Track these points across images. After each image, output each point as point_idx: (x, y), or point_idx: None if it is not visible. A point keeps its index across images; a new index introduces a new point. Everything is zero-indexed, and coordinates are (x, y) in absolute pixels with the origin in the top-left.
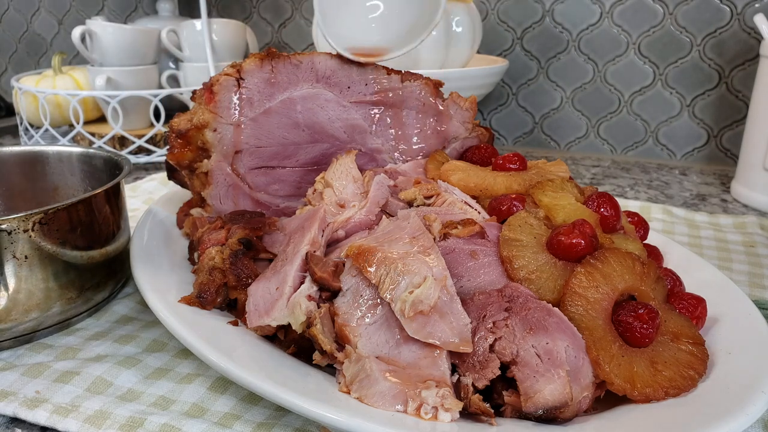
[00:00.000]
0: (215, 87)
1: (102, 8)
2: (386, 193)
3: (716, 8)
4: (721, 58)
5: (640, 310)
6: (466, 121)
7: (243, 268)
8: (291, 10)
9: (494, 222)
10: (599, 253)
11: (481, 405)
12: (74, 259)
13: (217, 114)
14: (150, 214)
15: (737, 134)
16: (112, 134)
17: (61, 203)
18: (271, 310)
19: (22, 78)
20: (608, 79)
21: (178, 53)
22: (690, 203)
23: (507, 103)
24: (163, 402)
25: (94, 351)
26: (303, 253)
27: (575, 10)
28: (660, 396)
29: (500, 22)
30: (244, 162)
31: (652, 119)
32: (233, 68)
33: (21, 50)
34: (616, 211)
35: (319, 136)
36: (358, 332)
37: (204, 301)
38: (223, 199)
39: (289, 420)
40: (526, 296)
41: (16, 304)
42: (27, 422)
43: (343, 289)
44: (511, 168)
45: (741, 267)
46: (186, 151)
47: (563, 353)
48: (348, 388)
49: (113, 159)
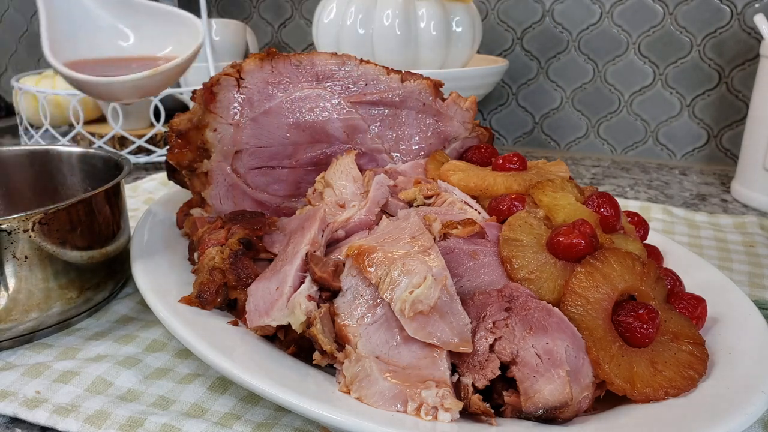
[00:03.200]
0: (215, 87)
1: None
2: (386, 193)
3: (716, 8)
4: (721, 58)
5: (640, 310)
6: (466, 121)
7: (243, 268)
8: (291, 10)
9: (494, 222)
10: (599, 253)
11: (481, 405)
12: (74, 259)
13: (217, 114)
14: (150, 214)
15: (737, 134)
16: (112, 134)
17: (61, 203)
18: (271, 310)
19: (22, 78)
20: (608, 79)
21: None
22: (690, 203)
23: (507, 103)
24: (163, 402)
25: (94, 351)
26: (303, 253)
27: (575, 10)
28: (660, 396)
29: (500, 22)
30: (244, 162)
31: (652, 119)
32: (233, 68)
33: (21, 50)
34: (616, 211)
35: (319, 136)
36: (358, 332)
37: (204, 301)
38: (223, 199)
39: (289, 420)
40: (526, 296)
41: (16, 304)
42: (27, 422)
43: (343, 289)
44: (511, 168)
45: (741, 267)
46: (186, 151)
47: (563, 353)
48: (348, 388)
49: (113, 159)
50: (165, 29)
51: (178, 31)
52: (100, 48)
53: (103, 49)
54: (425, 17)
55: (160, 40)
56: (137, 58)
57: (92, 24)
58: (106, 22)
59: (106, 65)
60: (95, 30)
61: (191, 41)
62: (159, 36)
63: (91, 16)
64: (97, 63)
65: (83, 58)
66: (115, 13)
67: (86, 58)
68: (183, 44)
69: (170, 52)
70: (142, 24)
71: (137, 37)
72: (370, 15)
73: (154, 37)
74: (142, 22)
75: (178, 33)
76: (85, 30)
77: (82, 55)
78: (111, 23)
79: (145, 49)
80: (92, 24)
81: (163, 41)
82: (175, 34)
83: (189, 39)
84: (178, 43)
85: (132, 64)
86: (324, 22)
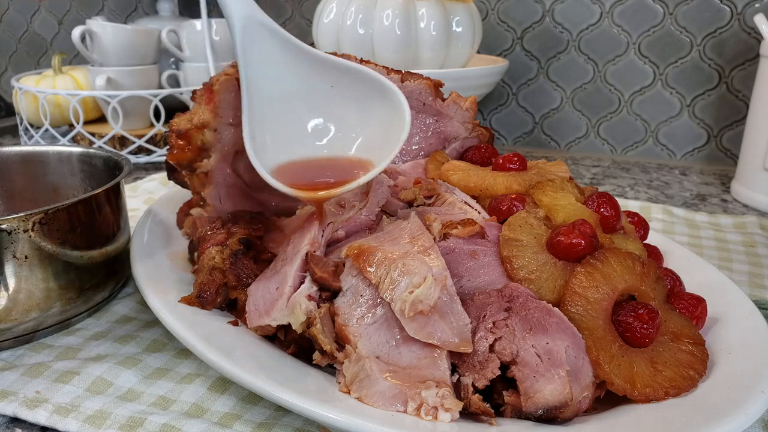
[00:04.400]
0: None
1: (102, 8)
2: (386, 193)
3: (716, 8)
4: (721, 58)
5: (640, 310)
6: (466, 121)
7: (243, 268)
8: (291, 10)
9: (494, 222)
10: (599, 253)
11: (481, 405)
12: (74, 259)
13: (217, 114)
14: (150, 214)
15: (737, 134)
16: (112, 134)
17: (61, 203)
18: (271, 310)
19: (22, 78)
20: (608, 79)
21: (178, 53)
22: (690, 203)
23: (507, 103)
24: (163, 402)
25: (94, 351)
26: (303, 253)
27: (575, 10)
28: (660, 396)
29: (500, 22)
30: (244, 162)
31: (652, 119)
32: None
33: (21, 50)
34: (616, 211)
35: None
36: (358, 332)
37: (204, 301)
38: (223, 199)
39: (289, 420)
40: (526, 296)
41: (16, 304)
42: (27, 422)
43: (343, 289)
44: (511, 168)
45: (741, 267)
46: (186, 151)
47: (563, 353)
48: (348, 388)
49: (113, 159)
50: (363, 113)
51: (375, 116)
52: (295, 148)
53: (297, 149)
54: (425, 17)
55: (353, 131)
56: (328, 159)
57: (293, 120)
58: (304, 116)
59: (304, 168)
60: (295, 127)
61: (389, 132)
62: (354, 126)
63: (294, 111)
64: (296, 166)
65: (285, 162)
66: (315, 102)
67: (289, 161)
68: (377, 135)
69: (362, 149)
70: (341, 111)
71: (334, 129)
72: (370, 15)
73: (348, 127)
74: (341, 110)
75: (374, 119)
76: (285, 129)
77: (282, 159)
78: (308, 116)
79: (336, 147)
80: (293, 120)
81: (355, 130)
82: (372, 119)
83: (384, 128)
84: (371, 137)
85: (326, 170)
86: (324, 22)
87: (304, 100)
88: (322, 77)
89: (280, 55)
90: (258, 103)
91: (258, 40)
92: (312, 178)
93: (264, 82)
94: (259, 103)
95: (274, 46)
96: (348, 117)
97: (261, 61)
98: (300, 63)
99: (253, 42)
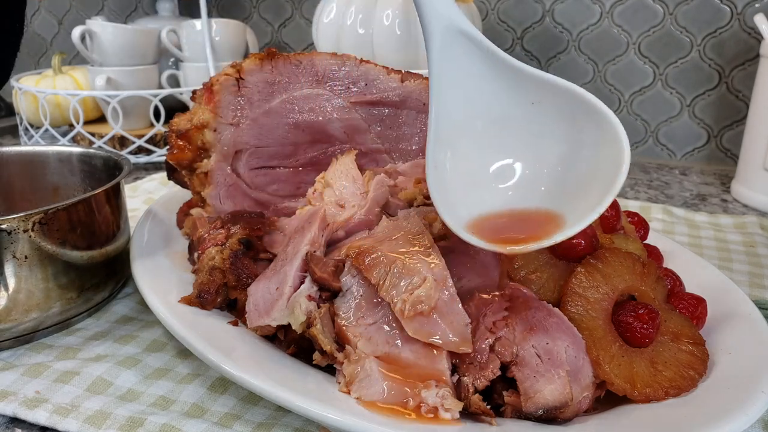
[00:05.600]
0: (215, 87)
1: (102, 8)
2: (386, 193)
3: (716, 8)
4: (721, 58)
5: (640, 310)
6: None
7: (243, 268)
8: (291, 10)
9: None
10: (599, 253)
11: (481, 405)
12: (74, 259)
13: (217, 114)
14: (150, 214)
15: (737, 134)
16: (112, 134)
17: (61, 203)
18: (271, 310)
19: (22, 78)
20: (608, 79)
21: (178, 53)
22: (690, 203)
23: None
24: (163, 402)
25: (94, 351)
26: (303, 253)
27: (575, 10)
28: (660, 396)
29: (500, 22)
30: (244, 162)
31: (652, 119)
32: (233, 68)
33: (21, 50)
34: (616, 211)
35: (319, 136)
36: (358, 332)
37: (204, 301)
38: (223, 199)
39: (289, 420)
40: (526, 296)
41: (16, 304)
42: (27, 422)
43: (343, 289)
44: None
45: (741, 267)
46: (186, 151)
47: (563, 353)
48: (348, 388)
49: (113, 159)
50: (565, 143)
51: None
52: (483, 195)
53: (485, 196)
54: None
55: (545, 166)
56: (508, 213)
57: (486, 155)
58: (495, 152)
59: (488, 222)
60: (484, 164)
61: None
62: (550, 161)
63: (489, 147)
64: (484, 220)
65: (477, 217)
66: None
67: (478, 215)
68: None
69: (547, 200)
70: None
71: (522, 167)
72: (370, 15)
73: (543, 163)
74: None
75: (579, 151)
76: (476, 168)
77: (474, 212)
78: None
79: (516, 199)
80: (486, 155)
81: (549, 166)
82: (575, 153)
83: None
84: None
85: (513, 220)
86: (324, 22)
87: (498, 127)
88: (525, 95)
89: (479, 70)
90: (447, 133)
91: (458, 54)
92: (500, 231)
93: (457, 105)
94: (447, 133)
95: (474, 60)
96: (545, 148)
97: (458, 80)
98: (501, 80)
99: (453, 57)
